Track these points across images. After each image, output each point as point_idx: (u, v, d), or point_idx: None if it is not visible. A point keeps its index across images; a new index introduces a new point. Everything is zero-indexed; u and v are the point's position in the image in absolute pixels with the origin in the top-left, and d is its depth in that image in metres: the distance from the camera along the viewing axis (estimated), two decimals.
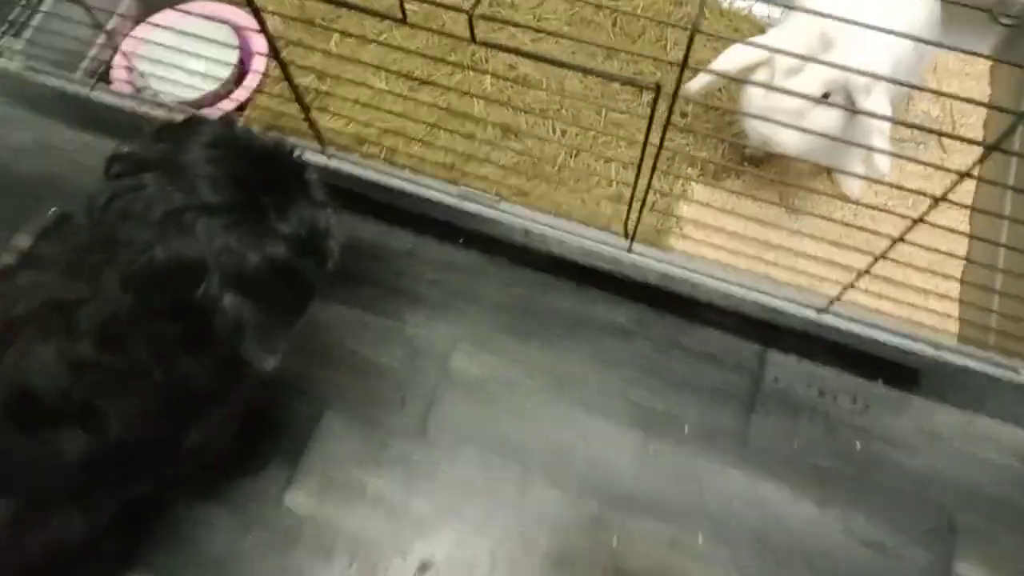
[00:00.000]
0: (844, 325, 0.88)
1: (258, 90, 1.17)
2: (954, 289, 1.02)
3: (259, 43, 1.21)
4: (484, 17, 0.59)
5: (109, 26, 1.18)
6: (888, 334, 0.88)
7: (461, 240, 1.14)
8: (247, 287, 0.67)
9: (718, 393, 1.05)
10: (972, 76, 1.20)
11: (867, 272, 0.75)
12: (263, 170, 0.70)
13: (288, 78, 0.84)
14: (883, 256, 0.71)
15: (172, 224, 0.66)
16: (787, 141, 0.93)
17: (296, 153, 0.76)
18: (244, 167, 0.69)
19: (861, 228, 0.76)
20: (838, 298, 0.84)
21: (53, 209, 1.20)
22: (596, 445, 1.02)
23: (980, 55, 0.91)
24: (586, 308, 1.10)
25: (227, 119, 0.74)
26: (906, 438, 1.03)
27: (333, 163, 0.95)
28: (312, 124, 0.91)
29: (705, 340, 1.08)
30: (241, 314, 0.67)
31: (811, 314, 0.89)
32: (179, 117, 0.75)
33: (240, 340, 0.68)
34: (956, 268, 1.04)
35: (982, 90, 1.19)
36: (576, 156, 1.12)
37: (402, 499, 1.00)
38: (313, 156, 0.96)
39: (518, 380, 1.06)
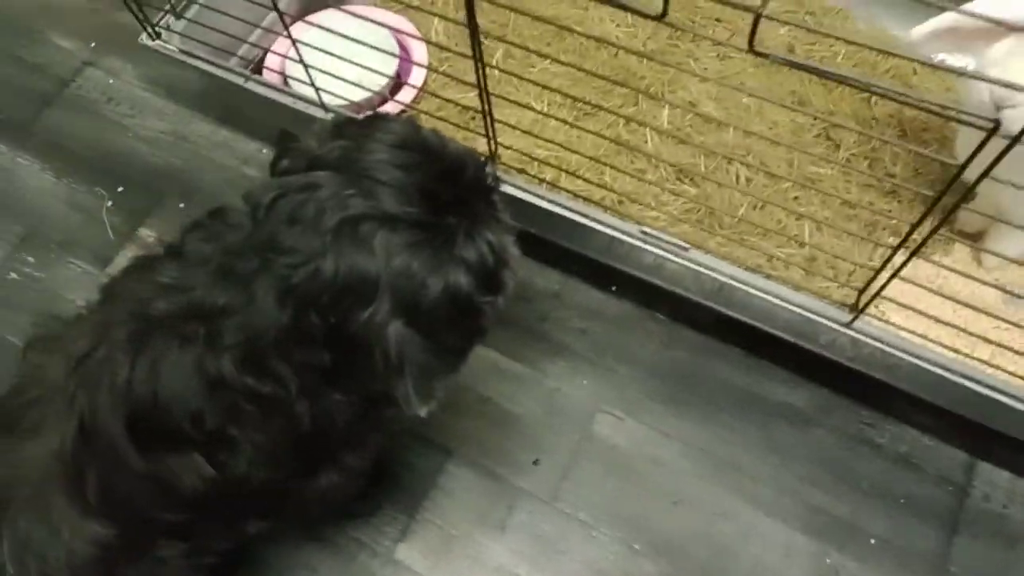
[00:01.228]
0: None
1: (411, 106, 1.08)
2: None
3: (420, 53, 1.13)
4: (770, 17, 0.47)
5: (266, 22, 1.12)
6: None
7: (614, 287, 1.02)
8: (419, 319, 0.56)
9: (913, 505, 0.88)
10: None
11: None
12: (452, 183, 0.60)
13: (478, 63, 0.74)
14: None
15: (347, 234, 0.55)
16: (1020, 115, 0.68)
17: (490, 168, 0.65)
18: (433, 177, 0.59)
19: None
20: None
21: (180, 206, 1.15)
22: (761, 547, 0.86)
23: None
24: (757, 383, 0.95)
25: (412, 120, 0.63)
26: None
27: (504, 187, 0.84)
28: (490, 134, 0.81)
29: (899, 439, 0.91)
30: (404, 349, 0.56)
31: None
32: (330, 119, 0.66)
33: (396, 379, 0.57)
34: None
35: None
36: (762, 208, 0.98)
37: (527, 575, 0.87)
38: None
39: (671, 458, 0.92)
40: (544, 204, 0.85)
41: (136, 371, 0.58)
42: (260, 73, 1.12)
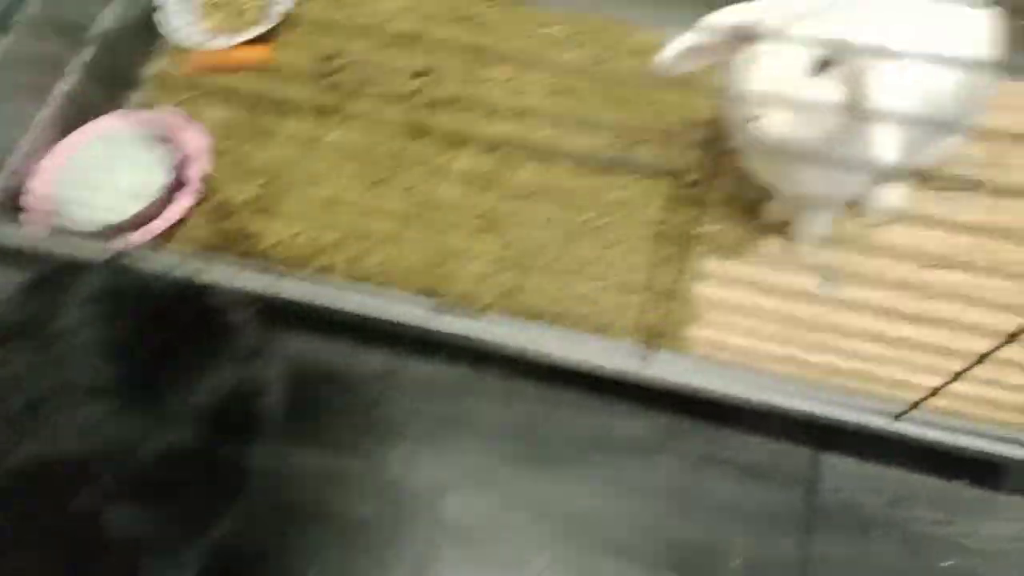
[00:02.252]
0: (922, 433, 0.71)
1: (197, 204, 1.02)
2: None
3: (200, 152, 1.06)
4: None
5: (20, 150, 1.04)
6: (977, 438, 0.70)
7: (444, 354, 0.97)
8: (141, 493, 0.50)
9: (768, 514, 0.86)
10: (1020, 108, 1.04)
11: (960, 376, 0.58)
12: (167, 324, 0.54)
13: (216, 199, 0.69)
14: (986, 357, 0.55)
15: (38, 416, 0.49)
16: (771, 122, 0.73)
17: (213, 293, 0.60)
18: (139, 325, 0.53)
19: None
20: (919, 403, 0.66)
21: None
22: None
23: None
24: (601, 423, 0.92)
25: (117, 259, 0.57)
26: (1005, 550, 0.84)
27: (276, 286, 0.79)
28: (246, 245, 0.76)
29: (745, 449, 0.90)
30: (133, 531, 0.50)
31: (881, 422, 0.71)
32: (94, 249, 0.59)
33: (137, 563, 0.50)
34: None
35: None
36: (572, 243, 0.96)
37: None
38: (253, 278, 0.80)
39: (525, 524, 0.87)
40: (322, 300, 0.80)
41: None
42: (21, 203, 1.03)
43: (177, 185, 1.04)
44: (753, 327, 0.86)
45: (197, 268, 0.62)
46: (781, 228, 1.00)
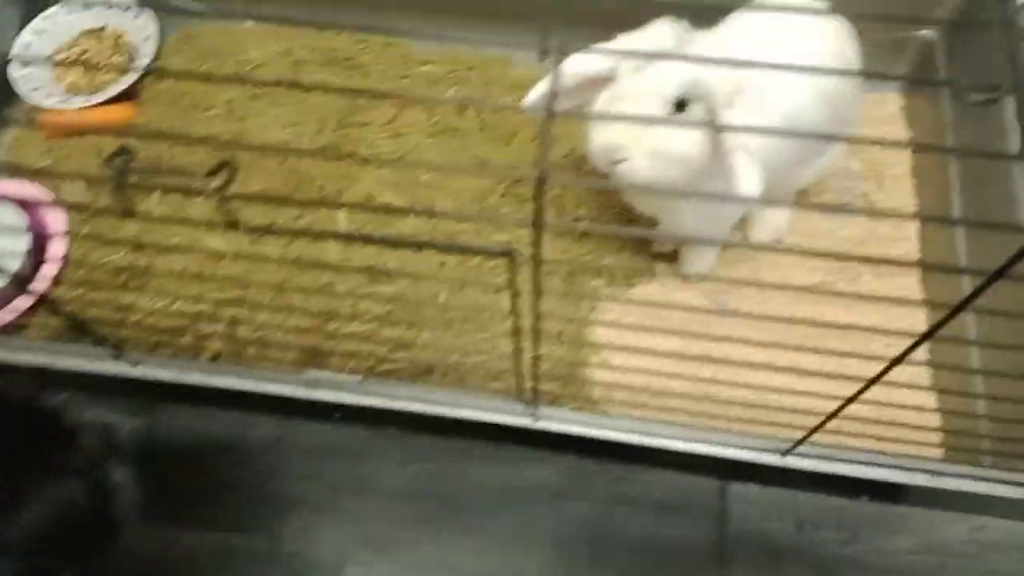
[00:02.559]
0: (810, 465, 0.71)
1: (57, 281, 0.94)
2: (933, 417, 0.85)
3: (58, 221, 0.99)
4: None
5: None
6: (865, 467, 0.71)
7: (338, 415, 0.93)
8: None
9: (680, 551, 0.85)
10: (887, 120, 1.07)
11: (835, 415, 0.58)
12: None
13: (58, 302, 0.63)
14: (855, 398, 0.54)
15: None
16: (635, 165, 0.72)
17: (53, 396, 0.55)
18: None
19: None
20: (803, 440, 0.66)
21: None
22: None
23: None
24: (506, 472, 0.90)
25: None
26: (909, 562, 0.85)
27: (139, 371, 0.73)
28: (107, 328, 0.70)
29: (653, 486, 0.89)
30: None
31: (772, 459, 0.71)
32: None
33: None
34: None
35: (898, 133, 1.07)
36: (461, 290, 0.94)
37: None
38: (114, 364, 0.74)
39: None
40: (190, 379, 0.75)
41: None
42: None
43: (32, 268, 0.95)
44: (649, 361, 0.85)
45: (46, 362, 0.57)
46: (672, 258, 1.00)
